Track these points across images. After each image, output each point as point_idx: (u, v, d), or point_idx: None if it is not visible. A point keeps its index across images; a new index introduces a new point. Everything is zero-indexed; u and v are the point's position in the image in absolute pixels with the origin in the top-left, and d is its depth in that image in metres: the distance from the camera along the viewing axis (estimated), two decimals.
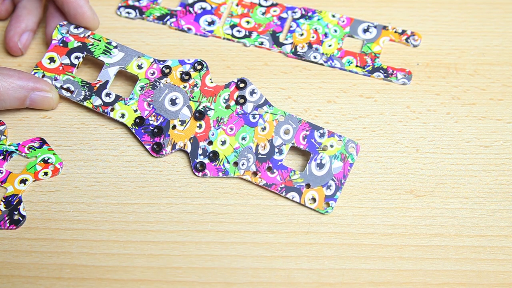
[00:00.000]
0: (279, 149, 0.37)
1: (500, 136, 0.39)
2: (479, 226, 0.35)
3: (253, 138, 0.37)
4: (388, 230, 0.35)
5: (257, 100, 0.38)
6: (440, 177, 0.37)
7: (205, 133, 0.37)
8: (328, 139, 0.37)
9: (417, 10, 0.44)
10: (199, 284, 0.33)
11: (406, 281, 0.34)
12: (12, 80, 0.36)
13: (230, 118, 0.38)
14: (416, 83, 0.41)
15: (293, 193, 0.36)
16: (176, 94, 0.38)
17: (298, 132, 0.37)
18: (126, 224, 0.35)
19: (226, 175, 0.36)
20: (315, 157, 0.37)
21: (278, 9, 0.44)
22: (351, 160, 0.37)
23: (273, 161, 0.37)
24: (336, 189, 0.36)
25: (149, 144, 0.37)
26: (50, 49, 0.40)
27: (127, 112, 0.38)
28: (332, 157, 0.36)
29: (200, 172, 0.37)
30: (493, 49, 0.42)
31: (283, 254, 0.34)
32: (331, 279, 0.34)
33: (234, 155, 0.37)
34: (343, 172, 0.36)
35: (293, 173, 0.36)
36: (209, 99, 0.38)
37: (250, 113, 0.38)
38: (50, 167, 0.37)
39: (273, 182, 0.36)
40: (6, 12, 0.42)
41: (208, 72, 0.39)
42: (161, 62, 0.39)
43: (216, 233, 0.35)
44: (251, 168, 0.36)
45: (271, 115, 0.38)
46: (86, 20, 0.40)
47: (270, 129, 0.37)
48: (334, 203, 0.36)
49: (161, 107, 0.38)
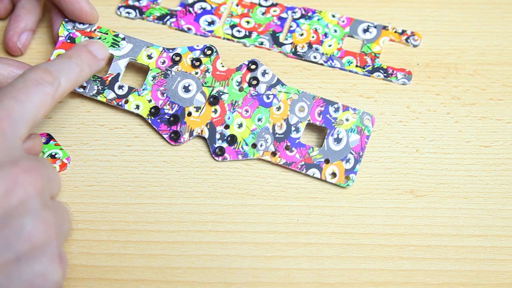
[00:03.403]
0: (295, 127, 0.37)
1: (500, 136, 0.39)
2: (479, 226, 0.35)
3: (269, 119, 0.37)
4: (388, 230, 0.35)
5: (269, 80, 0.38)
6: (440, 177, 0.37)
7: (221, 117, 0.38)
8: (343, 113, 0.37)
9: (417, 10, 0.44)
10: (199, 284, 0.33)
11: (406, 281, 0.34)
12: (12, 69, 0.36)
13: (245, 101, 0.38)
14: (416, 83, 0.41)
15: (314, 170, 0.36)
16: (188, 81, 0.38)
17: (313, 109, 0.37)
18: (126, 224, 0.35)
19: (245, 157, 0.37)
20: (332, 132, 0.37)
21: (278, 9, 0.44)
22: (367, 132, 0.37)
23: (291, 139, 0.37)
24: (355, 162, 0.36)
25: (166, 133, 0.38)
26: (58, 46, 0.40)
27: (142, 103, 0.38)
28: (348, 131, 0.37)
29: (219, 157, 0.37)
30: (493, 49, 0.42)
31: (283, 254, 0.34)
32: (331, 279, 0.34)
33: (251, 137, 0.37)
34: (360, 145, 0.37)
35: (312, 149, 0.37)
36: (222, 83, 0.38)
37: (263, 93, 0.38)
38: (58, 162, 0.37)
39: (293, 160, 0.36)
40: (5, 12, 0.42)
41: (218, 57, 0.39)
42: (170, 50, 0.39)
43: (216, 233, 0.35)
44: (270, 148, 0.37)
45: (284, 94, 0.38)
46: (85, 15, 0.39)
47: (285, 108, 0.38)
48: (355, 176, 0.36)
49: (175, 95, 0.38)
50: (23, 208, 0.27)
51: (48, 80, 0.31)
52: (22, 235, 0.26)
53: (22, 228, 0.26)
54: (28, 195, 0.27)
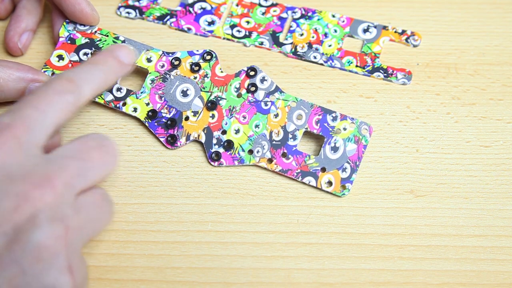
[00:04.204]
0: (292, 134, 0.37)
1: (500, 136, 0.39)
2: (479, 226, 0.35)
3: (267, 125, 0.37)
4: (388, 230, 0.35)
5: (268, 87, 0.38)
6: (440, 177, 0.37)
7: (218, 122, 0.38)
8: (341, 122, 0.37)
9: (417, 10, 0.44)
10: (199, 284, 0.33)
11: (406, 281, 0.34)
12: (11, 72, 0.36)
13: (242, 107, 0.38)
14: (416, 83, 0.41)
15: (309, 178, 0.36)
16: (187, 85, 0.38)
17: (311, 117, 0.37)
18: (126, 224, 0.35)
19: (241, 163, 0.37)
20: (329, 141, 0.37)
21: (278, 9, 0.44)
22: (364, 142, 0.37)
23: (288, 147, 0.37)
24: (352, 172, 0.36)
25: (163, 137, 0.38)
26: (58, 47, 0.40)
27: (139, 106, 0.38)
28: (346, 140, 0.37)
29: (215, 162, 0.37)
30: (493, 49, 0.42)
31: (283, 254, 0.34)
32: (331, 279, 0.34)
33: (248, 143, 0.37)
34: (357, 154, 0.37)
35: (308, 157, 0.37)
36: (220, 89, 0.38)
37: (262, 100, 0.38)
38: None
39: (289, 167, 0.36)
40: (5, 12, 0.42)
41: (217, 62, 0.39)
42: (170, 54, 0.40)
43: (216, 233, 0.35)
44: (266, 155, 0.37)
45: (283, 101, 0.38)
46: (85, 17, 0.39)
47: (282, 116, 0.38)
48: (351, 185, 0.36)
49: (172, 99, 0.38)
50: (31, 223, 0.27)
51: (70, 89, 0.31)
52: (28, 250, 0.26)
53: (29, 243, 0.26)
54: (37, 210, 0.27)
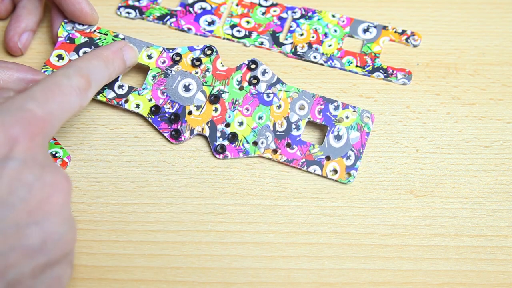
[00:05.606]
0: (296, 125, 0.37)
1: (500, 136, 0.39)
2: (479, 226, 0.35)
3: (270, 117, 0.38)
4: (388, 230, 0.35)
5: (269, 79, 0.39)
6: (440, 177, 0.37)
7: (221, 116, 0.38)
8: (343, 111, 0.38)
9: (417, 10, 0.44)
10: (199, 284, 0.33)
11: (406, 281, 0.34)
12: (12, 73, 0.36)
13: (245, 99, 0.38)
14: (416, 83, 0.41)
15: (315, 167, 0.36)
16: (188, 80, 0.39)
17: (313, 107, 0.38)
18: (126, 224, 0.35)
19: (246, 155, 0.37)
20: (332, 130, 0.37)
21: (278, 9, 0.44)
22: (367, 130, 0.37)
23: (292, 137, 0.37)
24: (356, 159, 0.37)
25: (167, 132, 0.38)
26: (57, 47, 0.40)
27: (142, 102, 0.38)
28: (348, 128, 0.37)
29: (220, 154, 0.37)
30: (493, 49, 0.42)
31: (283, 254, 0.34)
32: (331, 279, 0.34)
33: (252, 135, 0.37)
34: (361, 142, 0.37)
35: (312, 147, 0.37)
36: (222, 82, 0.38)
37: (264, 92, 0.38)
38: (58, 161, 0.37)
39: (294, 157, 0.37)
40: (6, 12, 0.42)
41: (218, 56, 0.39)
42: (170, 50, 0.40)
43: (216, 233, 0.35)
44: (271, 146, 0.37)
45: (285, 92, 0.38)
46: (85, 16, 0.39)
47: (285, 107, 0.38)
48: (355, 172, 0.36)
49: (175, 94, 0.38)
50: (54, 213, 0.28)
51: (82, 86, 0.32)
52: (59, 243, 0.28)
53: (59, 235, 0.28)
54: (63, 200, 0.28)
